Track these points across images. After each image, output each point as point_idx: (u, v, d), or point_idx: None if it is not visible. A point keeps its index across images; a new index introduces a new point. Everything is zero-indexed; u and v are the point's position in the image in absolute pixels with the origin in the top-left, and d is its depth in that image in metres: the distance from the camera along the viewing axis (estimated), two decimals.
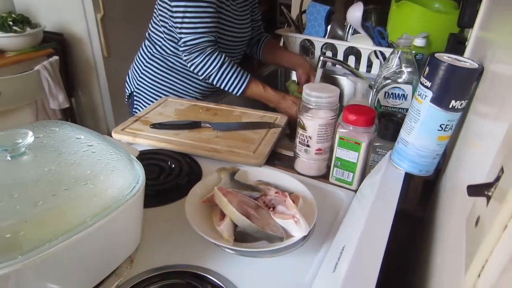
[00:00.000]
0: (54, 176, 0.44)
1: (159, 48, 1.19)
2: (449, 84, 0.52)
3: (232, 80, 1.09)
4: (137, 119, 0.93)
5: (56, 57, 2.06)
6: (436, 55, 0.54)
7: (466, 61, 0.54)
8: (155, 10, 1.17)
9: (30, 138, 0.46)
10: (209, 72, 1.08)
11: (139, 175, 0.51)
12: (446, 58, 0.54)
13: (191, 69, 1.10)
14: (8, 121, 1.98)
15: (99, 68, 2.33)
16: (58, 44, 2.22)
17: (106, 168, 0.47)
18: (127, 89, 1.32)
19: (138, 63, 1.26)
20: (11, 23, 2.00)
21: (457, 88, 0.52)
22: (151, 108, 1.00)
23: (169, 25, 1.11)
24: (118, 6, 2.29)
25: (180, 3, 1.01)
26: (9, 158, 0.45)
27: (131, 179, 0.49)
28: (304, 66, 1.27)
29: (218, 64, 1.07)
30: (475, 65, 0.52)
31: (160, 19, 1.14)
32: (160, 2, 1.11)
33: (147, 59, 1.22)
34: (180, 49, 1.08)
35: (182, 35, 1.05)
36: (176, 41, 1.12)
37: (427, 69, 0.54)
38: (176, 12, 1.03)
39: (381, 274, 0.38)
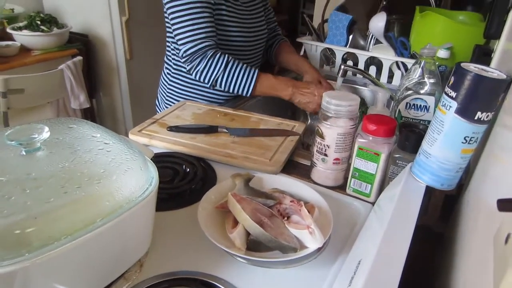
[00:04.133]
0: (67, 173, 0.44)
1: (176, 67, 1.19)
2: (475, 95, 0.50)
3: (240, 79, 1.05)
4: (154, 121, 0.93)
5: (79, 57, 2.10)
6: (462, 64, 0.52)
7: (493, 71, 0.51)
8: (167, 35, 1.18)
9: (46, 133, 0.46)
10: (215, 76, 1.04)
11: (153, 177, 0.50)
12: (473, 68, 0.52)
13: (197, 78, 1.07)
14: (29, 119, 2.03)
15: (121, 69, 2.37)
16: (82, 45, 2.27)
17: (120, 168, 0.47)
18: (158, 111, 1.33)
19: (162, 87, 1.27)
20: (39, 22, 2.06)
21: (483, 99, 0.50)
22: (169, 111, 1.00)
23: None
24: (143, 10, 2.33)
25: (175, 14, 1.01)
26: (24, 153, 0.45)
27: (144, 180, 0.48)
28: (310, 72, 1.23)
29: (223, 65, 1.03)
30: (503, 76, 0.50)
31: (171, 41, 1.15)
32: (166, 21, 1.12)
33: (169, 82, 1.23)
34: (182, 60, 1.06)
35: (182, 46, 1.03)
36: None
37: (452, 78, 0.52)
38: (173, 24, 1.03)
39: None
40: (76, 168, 0.45)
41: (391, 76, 1.32)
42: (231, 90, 1.07)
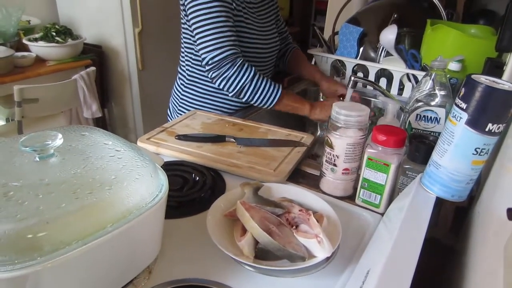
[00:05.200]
0: (79, 179, 0.45)
1: (190, 77, 1.21)
2: (486, 107, 0.50)
3: (265, 91, 1.06)
4: (163, 130, 0.94)
5: (93, 68, 2.14)
6: (473, 76, 0.52)
7: (504, 83, 0.51)
8: (181, 43, 1.19)
9: (59, 140, 0.47)
10: (242, 85, 1.04)
11: (163, 184, 0.51)
12: (484, 79, 0.51)
13: (221, 86, 1.06)
14: (43, 127, 2.03)
15: (133, 80, 2.41)
16: (96, 55, 2.31)
17: (131, 174, 0.47)
18: (170, 120, 1.34)
19: (175, 97, 1.29)
20: (54, 33, 2.10)
21: (494, 111, 0.50)
22: (178, 120, 1.01)
23: (195, 51, 1.12)
24: (156, 22, 2.37)
25: (198, 23, 1.02)
26: (38, 159, 0.46)
27: (154, 187, 0.49)
28: (323, 84, 1.25)
29: (251, 75, 1.04)
30: None
31: (185, 48, 1.17)
32: (183, 31, 1.14)
33: (182, 91, 1.24)
34: (206, 68, 1.06)
35: (207, 54, 1.03)
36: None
37: (463, 90, 0.52)
38: (197, 34, 1.03)
39: None
40: (88, 174, 0.46)
41: (401, 88, 1.32)
42: (254, 101, 1.08)
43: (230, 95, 1.09)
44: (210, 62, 1.04)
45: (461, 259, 0.58)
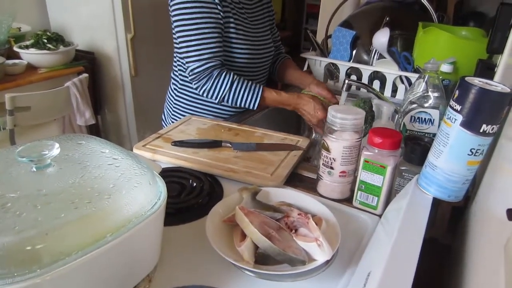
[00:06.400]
0: (77, 189, 0.45)
1: (182, 83, 1.21)
2: (480, 108, 0.51)
3: (245, 96, 1.08)
4: (159, 136, 0.93)
5: (85, 75, 2.13)
6: (466, 78, 0.53)
7: (497, 85, 0.52)
8: (174, 54, 1.20)
9: (56, 150, 0.47)
10: (221, 95, 1.08)
11: (161, 192, 0.51)
12: (477, 82, 0.52)
13: (204, 96, 1.10)
14: (36, 136, 2.04)
15: (126, 86, 2.40)
16: (88, 62, 2.30)
17: (129, 183, 0.47)
18: (164, 126, 1.34)
19: (169, 102, 1.29)
20: (45, 40, 2.09)
21: (488, 112, 0.51)
22: (174, 126, 1.00)
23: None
24: (148, 28, 2.37)
25: (183, 33, 1.03)
26: (35, 169, 0.46)
27: (153, 195, 0.49)
28: (314, 85, 1.23)
29: (228, 84, 1.06)
30: (507, 90, 0.50)
31: (177, 54, 1.18)
32: (174, 36, 1.13)
33: (175, 97, 1.25)
34: (189, 78, 1.09)
35: (189, 64, 1.06)
36: None
37: (457, 92, 0.53)
38: (180, 42, 1.05)
39: None
40: (86, 184, 0.46)
41: (394, 90, 1.33)
42: (238, 105, 1.10)
43: (216, 102, 1.12)
44: (190, 73, 1.07)
45: (459, 258, 0.58)
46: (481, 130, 0.51)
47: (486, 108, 0.50)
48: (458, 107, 0.52)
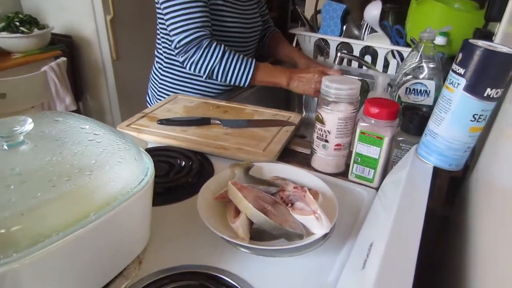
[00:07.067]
0: (55, 166, 0.41)
1: (168, 61, 1.16)
2: (485, 71, 0.48)
3: (237, 70, 1.02)
4: (144, 115, 0.89)
5: (63, 58, 2.04)
6: (470, 40, 0.50)
7: (502, 47, 0.49)
8: (157, 24, 1.15)
9: (29, 125, 0.43)
10: (211, 67, 1.01)
11: (148, 168, 0.47)
12: (481, 43, 0.50)
13: (191, 70, 1.03)
14: None
15: (108, 70, 2.31)
16: (66, 46, 2.20)
17: (113, 158, 0.43)
18: (149, 106, 1.29)
19: (153, 82, 1.24)
20: (18, 23, 1.98)
21: (493, 75, 0.48)
22: (159, 105, 0.96)
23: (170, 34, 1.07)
24: (128, 8, 2.27)
25: (168, 3, 0.98)
26: (6, 147, 0.41)
27: (139, 171, 0.45)
28: (301, 63, 1.21)
29: (219, 56, 1.00)
30: None
31: (161, 30, 1.13)
32: (158, 11, 1.09)
33: (160, 76, 1.20)
34: (175, 52, 1.03)
35: (175, 36, 1.00)
36: None
37: (460, 55, 0.50)
38: (166, 14, 0.99)
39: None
40: (65, 161, 0.42)
41: (386, 65, 1.30)
42: (227, 81, 1.04)
43: (203, 78, 1.05)
44: (177, 46, 1.01)
45: (459, 229, 0.56)
46: (485, 95, 0.49)
47: (492, 70, 0.48)
48: (462, 71, 0.49)
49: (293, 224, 0.50)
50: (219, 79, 1.04)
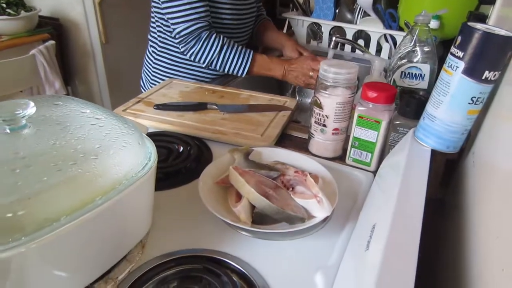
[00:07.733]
0: (60, 150, 0.40)
1: (162, 44, 1.14)
2: (483, 53, 0.49)
3: (235, 61, 1.04)
4: (139, 100, 0.88)
5: (52, 42, 2.00)
6: (469, 23, 0.51)
7: (499, 30, 0.50)
8: (151, 14, 1.13)
9: (31, 109, 0.42)
10: (210, 58, 1.03)
11: (151, 152, 0.47)
12: (480, 26, 0.50)
13: (192, 59, 1.05)
14: None
15: (97, 54, 2.28)
16: (54, 29, 2.15)
17: (117, 142, 0.43)
18: (143, 91, 1.27)
19: (147, 66, 1.22)
20: (4, 5, 1.93)
21: (491, 58, 0.49)
22: (154, 90, 0.95)
23: (165, 19, 1.06)
24: None
25: None
26: (8, 131, 0.41)
27: (143, 156, 0.45)
28: (288, 45, 1.21)
29: (218, 48, 1.02)
30: (511, 34, 0.48)
31: (156, 13, 1.11)
32: (153, 3, 1.08)
33: (154, 60, 1.18)
34: (176, 41, 1.04)
35: (175, 26, 1.00)
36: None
37: (459, 38, 0.51)
38: (164, 2, 0.99)
39: None
40: (69, 145, 0.42)
41: (379, 50, 1.30)
42: (226, 71, 1.06)
43: (204, 66, 1.06)
44: (177, 36, 1.02)
45: (456, 212, 0.58)
46: (483, 77, 0.49)
47: (490, 53, 0.48)
48: (461, 54, 0.50)
49: (295, 208, 0.51)
50: (217, 68, 1.06)
